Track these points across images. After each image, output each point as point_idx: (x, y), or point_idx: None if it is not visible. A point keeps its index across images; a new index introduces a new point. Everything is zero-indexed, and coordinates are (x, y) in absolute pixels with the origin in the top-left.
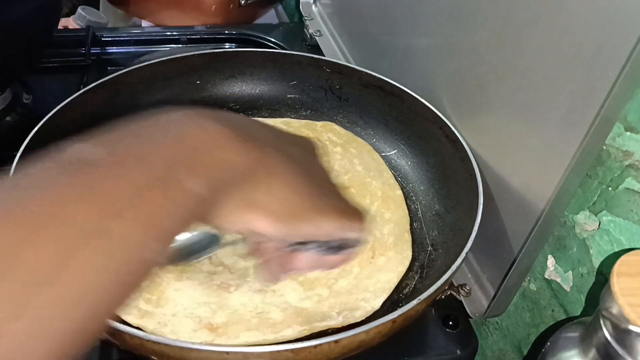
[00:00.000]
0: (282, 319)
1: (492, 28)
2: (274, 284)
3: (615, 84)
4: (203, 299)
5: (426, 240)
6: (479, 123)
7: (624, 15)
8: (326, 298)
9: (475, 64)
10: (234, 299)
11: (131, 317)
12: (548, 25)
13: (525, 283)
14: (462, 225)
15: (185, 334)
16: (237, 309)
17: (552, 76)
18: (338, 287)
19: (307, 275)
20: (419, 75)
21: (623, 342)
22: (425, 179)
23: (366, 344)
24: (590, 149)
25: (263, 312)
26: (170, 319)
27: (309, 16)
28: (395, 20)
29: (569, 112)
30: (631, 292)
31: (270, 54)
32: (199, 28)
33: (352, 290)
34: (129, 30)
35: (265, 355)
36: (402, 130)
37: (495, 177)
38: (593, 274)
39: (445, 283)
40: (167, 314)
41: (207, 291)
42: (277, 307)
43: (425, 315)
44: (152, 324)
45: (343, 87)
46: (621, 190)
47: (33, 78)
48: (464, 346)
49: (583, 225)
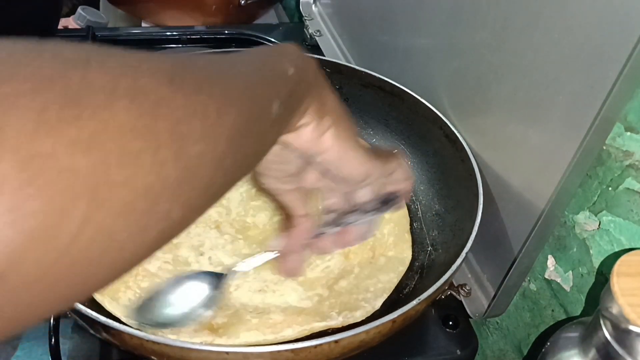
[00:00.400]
0: (283, 319)
1: (492, 28)
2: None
3: (615, 84)
4: None
5: (426, 240)
6: (479, 123)
7: (624, 15)
8: (326, 298)
9: (475, 64)
10: (234, 300)
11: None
12: (548, 25)
13: (525, 283)
14: (462, 225)
15: (186, 335)
16: (237, 309)
17: (552, 76)
18: (338, 287)
19: (308, 275)
20: (419, 75)
21: (623, 342)
22: (425, 179)
23: (366, 344)
24: (590, 149)
25: (263, 312)
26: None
27: (309, 16)
28: (395, 20)
29: (569, 112)
30: (631, 292)
31: None
32: (199, 28)
33: (353, 290)
34: (129, 30)
35: (265, 355)
36: (402, 130)
37: (495, 177)
38: (593, 274)
39: (445, 283)
40: None
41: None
42: (277, 307)
43: (425, 315)
44: None
45: (343, 87)
46: (621, 190)
47: None
48: (464, 346)
49: (583, 225)
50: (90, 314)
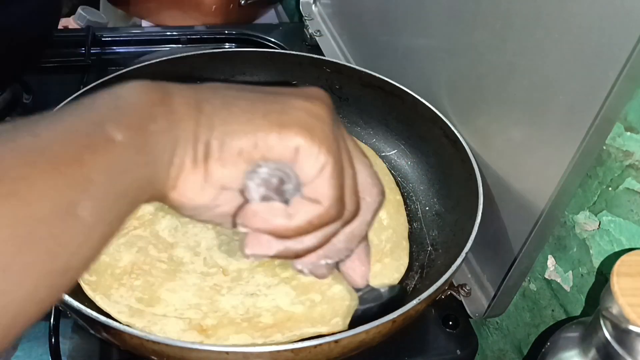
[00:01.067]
0: (273, 323)
1: (492, 28)
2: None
3: (615, 84)
4: (194, 300)
5: (426, 240)
6: (479, 123)
7: (624, 16)
8: (318, 303)
9: (475, 64)
10: (225, 302)
11: (122, 316)
12: (548, 25)
13: (525, 283)
14: (462, 225)
15: (174, 334)
16: (228, 311)
17: (552, 76)
18: (332, 293)
19: (301, 279)
20: (419, 75)
21: (623, 342)
22: (425, 179)
23: (366, 344)
24: (590, 149)
25: (254, 316)
26: (160, 318)
27: (309, 16)
28: (395, 20)
29: (569, 112)
30: (631, 292)
31: (270, 54)
32: (199, 28)
33: (345, 297)
34: (129, 30)
35: (265, 355)
36: (402, 130)
37: (495, 177)
38: (593, 274)
39: (445, 283)
40: (158, 314)
41: (199, 293)
42: (268, 311)
43: (425, 315)
44: (142, 322)
45: (343, 87)
46: (621, 190)
47: (33, 78)
48: (464, 346)
49: (583, 225)
50: (90, 313)
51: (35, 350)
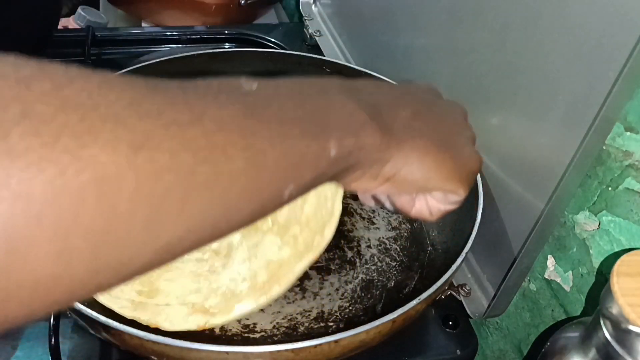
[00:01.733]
0: (268, 277)
1: (492, 28)
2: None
3: (615, 84)
4: (194, 285)
5: (426, 240)
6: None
7: (624, 15)
8: (300, 233)
9: (475, 64)
10: (223, 278)
11: (126, 310)
12: (548, 25)
13: (525, 283)
14: (462, 225)
15: (180, 320)
16: (227, 286)
17: (552, 76)
18: (305, 216)
19: (279, 221)
20: (419, 75)
21: (623, 342)
22: None
23: (366, 344)
24: (590, 149)
25: (251, 279)
26: (163, 308)
27: (309, 16)
28: (395, 20)
29: (569, 112)
30: (631, 292)
31: (270, 54)
32: (199, 28)
33: (317, 212)
34: (129, 30)
35: (265, 355)
36: None
37: (495, 177)
38: (593, 274)
39: (445, 283)
40: (160, 304)
41: (197, 278)
42: (261, 267)
43: (425, 315)
44: (146, 314)
45: None
46: (621, 190)
47: None
48: (464, 346)
49: (583, 225)
50: (91, 313)
51: (35, 350)
